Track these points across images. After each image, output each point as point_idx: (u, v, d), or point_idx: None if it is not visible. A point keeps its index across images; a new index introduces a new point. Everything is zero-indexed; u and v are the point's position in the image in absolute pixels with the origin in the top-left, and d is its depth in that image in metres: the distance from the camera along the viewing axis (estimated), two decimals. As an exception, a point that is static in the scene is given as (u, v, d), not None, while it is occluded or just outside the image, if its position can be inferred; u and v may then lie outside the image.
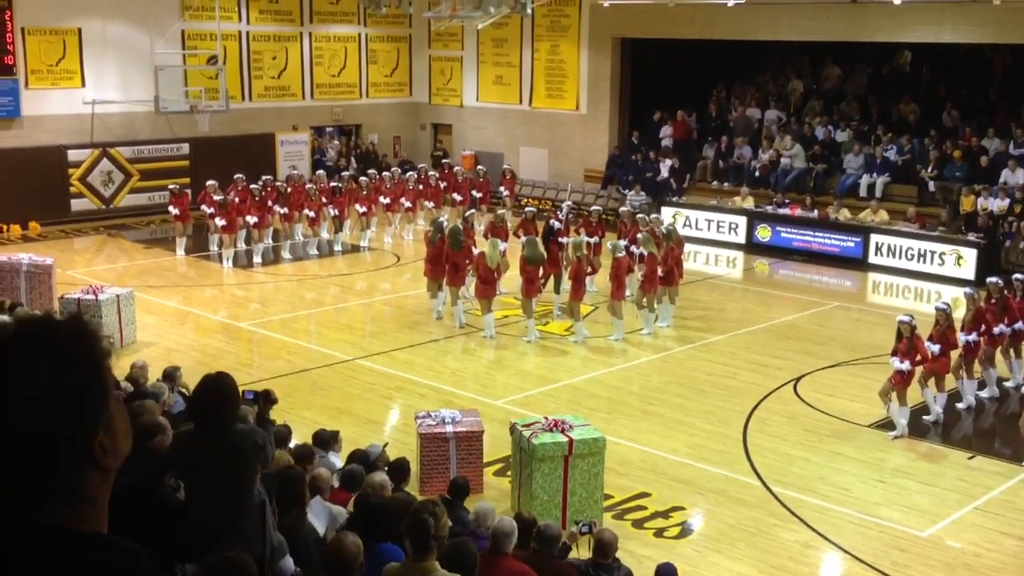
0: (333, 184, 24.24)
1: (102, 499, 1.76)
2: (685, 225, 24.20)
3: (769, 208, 24.73)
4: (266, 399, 9.46)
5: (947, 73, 26.99)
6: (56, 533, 1.67)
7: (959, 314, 14.53)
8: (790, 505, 10.93)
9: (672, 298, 17.82)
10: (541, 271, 17.20)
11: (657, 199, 26.23)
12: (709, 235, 24.74)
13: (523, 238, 17.98)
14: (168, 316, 18.07)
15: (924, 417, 13.38)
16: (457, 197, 26.27)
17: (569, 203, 22.41)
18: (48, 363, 1.67)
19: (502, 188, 27.21)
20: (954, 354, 13.67)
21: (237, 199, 22.44)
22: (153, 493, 4.65)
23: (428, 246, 17.93)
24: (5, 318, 10.52)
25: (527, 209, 20.64)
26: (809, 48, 28.32)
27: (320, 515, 7.09)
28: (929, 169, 23.96)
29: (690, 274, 20.19)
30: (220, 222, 22.01)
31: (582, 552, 8.08)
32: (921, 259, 21.76)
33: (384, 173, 25.96)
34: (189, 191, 23.97)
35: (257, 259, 22.39)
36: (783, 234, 23.89)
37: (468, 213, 20.75)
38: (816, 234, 23.44)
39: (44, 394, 1.65)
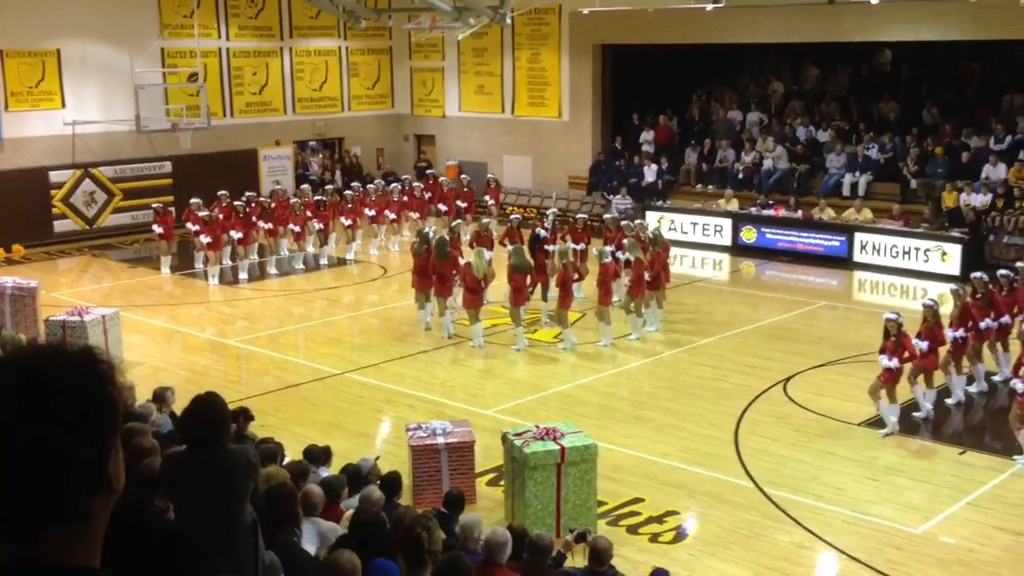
0: (317, 198, 24.20)
1: (102, 525, 1.76)
2: (670, 229, 24.22)
3: (753, 210, 24.78)
4: (244, 416, 9.43)
5: (926, 71, 27.13)
6: (53, 571, 1.67)
7: (946, 310, 14.57)
8: (783, 506, 10.94)
9: (660, 302, 17.84)
10: (528, 279, 17.20)
11: (642, 203, 26.29)
12: (694, 238, 24.78)
13: (509, 247, 17.98)
14: (155, 335, 18.00)
15: (914, 414, 13.41)
16: (442, 207, 26.25)
17: (554, 210, 22.43)
18: (67, 386, 1.69)
19: (487, 197, 27.22)
20: (942, 350, 13.70)
21: (221, 216, 22.37)
22: (143, 515, 4.62)
23: (414, 257, 17.92)
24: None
25: (512, 217, 20.66)
26: (789, 50, 28.44)
27: (311, 533, 7.05)
28: (911, 166, 24.07)
29: (676, 278, 20.22)
30: (205, 239, 21.95)
31: (577, 560, 8.07)
32: (906, 256, 21.83)
33: (368, 185, 25.94)
34: (173, 209, 23.89)
35: (243, 275, 22.31)
36: (768, 235, 23.95)
37: (454, 223, 20.74)
38: (801, 234, 23.51)
39: (62, 417, 1.66)
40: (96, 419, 1.70)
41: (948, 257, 21.26)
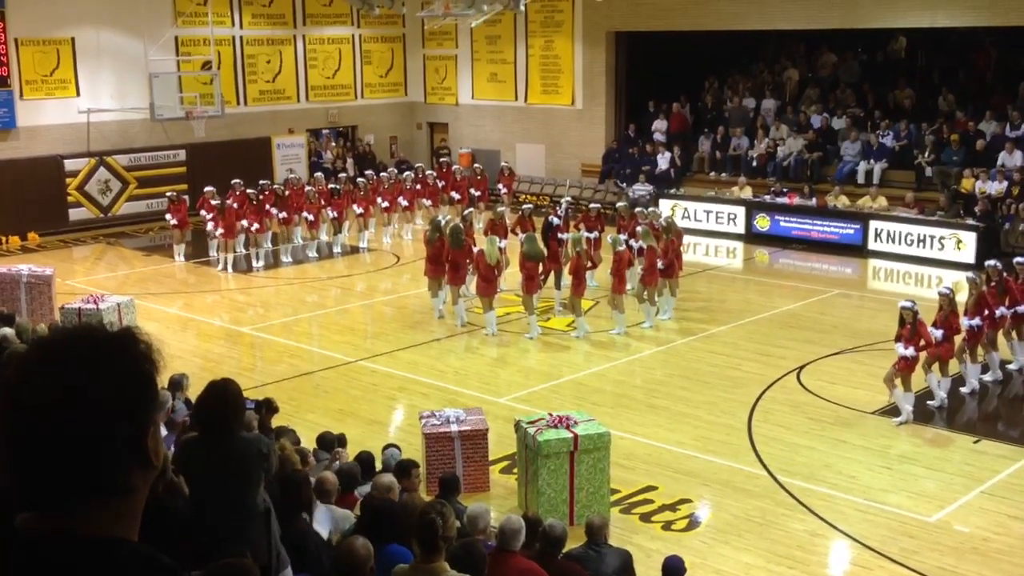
0: (331, 186, 24.22)
1: (142, 500, 1.80)
2: (684, 217, 24.18)
3: (767, 197, 24.69)
4: (268, 408, 9.42)
5: (942, 58, 26.96)
6: (91, 543, 1.71)
7: (961, 298, 14.50)
8: (796, 494, 10.93)
9: (673, 290, 17.81)
10: (541, 267, 17.19)
11: (655, 191, 26.22)
12: (708, 226, 24.71)
13: (522, 235, 17.97)
14: (169, 323, 18.06)
15: (928, 402, 13.36)
16: (455, 195, 26.25)
17: (567, 198, 22.40)
18: (107, 364, 1.73)
19: (500, 185, 27.20)
20: (957, 338, 13.64)
21: (235, 204, 22.41)
22: (156, 500, 4.64)
23: (427, 245, 17.93)
24: (9, 330, 10.51)
25: (525, 205, 20.64)
26: (804, 36, 28.30)
27: (324, 519, 7.08)
28: (926, 154, 23.95)
29: (690, 266, 20.17)
30: (219, 228, 22.00)
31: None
32: (921, 244, 21.74)
33: (382, 173, 25.95)
34: (187, 197, 23.95)
35: (257, 263, 22.38)
36: (782, 223, 23.86)
37: (467, 211, 20.73)
38: (815, 222, 23.41)
39: (101, 394, 1.70)
40: (134, 396, 1.74)
41: (963, 245, 21.16)
